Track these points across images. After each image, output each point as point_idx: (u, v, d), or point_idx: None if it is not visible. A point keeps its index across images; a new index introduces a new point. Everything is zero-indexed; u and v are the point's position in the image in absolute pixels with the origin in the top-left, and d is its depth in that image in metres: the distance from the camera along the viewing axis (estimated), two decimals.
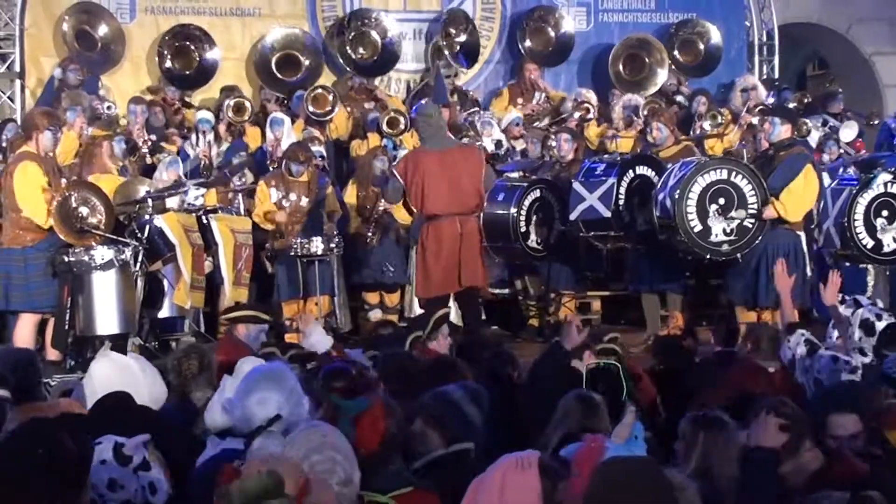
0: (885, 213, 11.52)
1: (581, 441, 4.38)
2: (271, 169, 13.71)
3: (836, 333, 7.88)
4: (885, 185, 11.59)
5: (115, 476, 4.59)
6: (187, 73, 16.26)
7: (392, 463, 4.92)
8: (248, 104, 14.96)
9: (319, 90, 15.24)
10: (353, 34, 16.48)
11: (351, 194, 13.66)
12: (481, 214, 11.65)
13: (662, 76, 16.91)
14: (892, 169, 12.04)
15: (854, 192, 11.53)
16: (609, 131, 14.88)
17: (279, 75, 16.36)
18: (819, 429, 5.39)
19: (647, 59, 17.03)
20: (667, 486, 3.22)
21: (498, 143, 14.72)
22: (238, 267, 12.39)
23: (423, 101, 15.13)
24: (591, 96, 15.84)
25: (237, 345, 9.21)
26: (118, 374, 6.39)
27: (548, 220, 12.69)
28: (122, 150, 13.16)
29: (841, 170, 13.17)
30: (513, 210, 12.43)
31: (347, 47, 16.42)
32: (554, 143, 13.91)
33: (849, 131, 15.67)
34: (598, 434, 4.45)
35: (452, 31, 16.77)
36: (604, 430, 5.24)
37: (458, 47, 16.79)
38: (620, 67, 16.93)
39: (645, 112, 14.74)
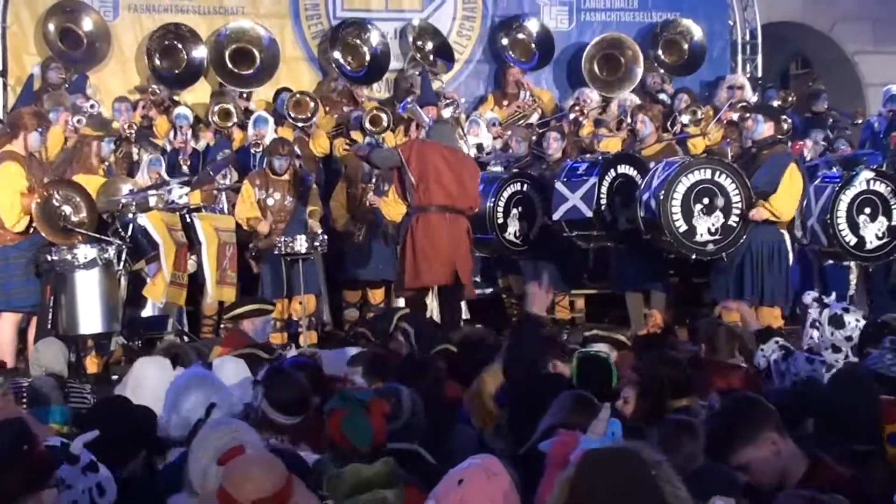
0: (867, 210, 11.58)
1: (556, 436, 4.37)
2: (254, 153, 13.75)
3: (814, 333, 7.89)
4: (868, 182, 11.62)
5: (62, 475, 4.49)
6: (175, 72, 16.17)
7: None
8: (233, 109, 14.91)
9: (301, 95, 15.20)
10: (343, 43, 16.46)
11: (340, 191, 13.66)
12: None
13: (638, 73, 16.95)
14: (875, 166, 12.08)
15: (836, 189, 11.57)
16: (600, 130, 14.90)
17: (233, 68, 16.29)
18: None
19: (621, 59, 17.06)
20: (647, 469, 3.23)
21: (479, 147, 14.69)
22: (223, 266, 12.33)
23: (408, 99, 15.12)
24: (593, 96, 15.86)
25: (244, 338, 9.23)
26: (160, 374, 6.50)
27: (528, 215, 12.75)
28: (109, 150, 13.14)
29: (825, 168, 13.20)
30: (490, 201, 12.49)
31: (338, 54, 16.39)
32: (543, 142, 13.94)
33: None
34: (574, 430, 4.43)
35: (420, 43, 16.80)
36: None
37: (432, 56, 16.82)
38: (596, 68, 16.95)
39: (630, 107, 14.72)
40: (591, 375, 6.67)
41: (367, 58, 16.54)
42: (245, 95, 15.91)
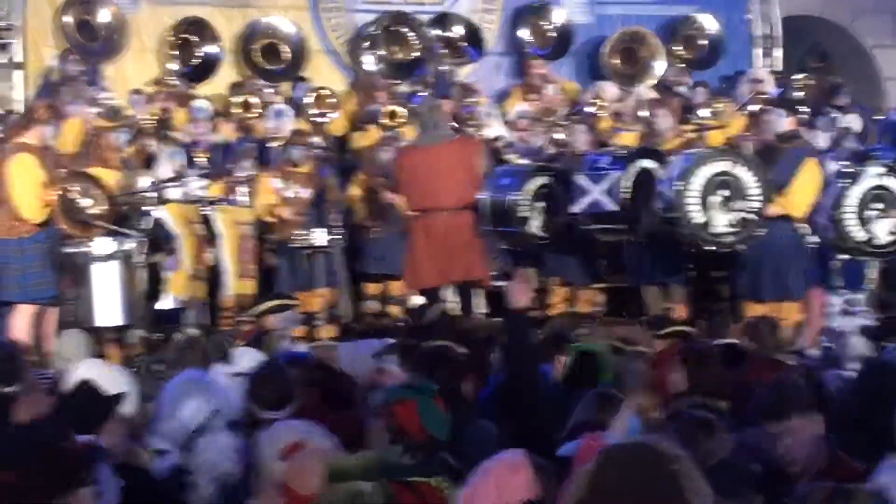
0: (878, 205, 11.49)
1: (581, 438, 4.38)
2: (274, 146, 13.78)
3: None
4: (878, 177, 11.55)
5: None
6: (190, 66, 16.19)
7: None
8: (253, 101, 14.93)
9: (324, 91, 15.21)
10: (386, 35, 16.50)
11: (359, 184, 13.66)
12: (477, 206, 11.67)
13: (659, 67, 16.94)
14: (889, 161, 12.01)
15: (845, 184, 11.51)
16: (618, 124, 14.88)
17: (264, 63, 16.35)
18: None
19: (640, 53, 17.06)
20: (667, 464, 3.22)
21: (497, 138, 14.65)
22: (243, 259, 12.33)
23: (422, 94, 15.13)
24: (610, 89, 15.83)
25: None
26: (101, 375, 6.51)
27: (553, 209, 12.68)
28: (125, 140, 13.15)
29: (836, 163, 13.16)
30: (512, 194, 12.45)
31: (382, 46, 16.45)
32: (566, 135, 13.88)
33: (856, 123, 15.68)
34: (600, 430, 4.44)
35: (449, 33, 16.82)
36: None
37: (460, 41, 16.83)
38: (616, 61, 16.95)
39: (645, 101, 14.71)
40: (582, 370, 6.67)
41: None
42: (273, 90, 15.93)
